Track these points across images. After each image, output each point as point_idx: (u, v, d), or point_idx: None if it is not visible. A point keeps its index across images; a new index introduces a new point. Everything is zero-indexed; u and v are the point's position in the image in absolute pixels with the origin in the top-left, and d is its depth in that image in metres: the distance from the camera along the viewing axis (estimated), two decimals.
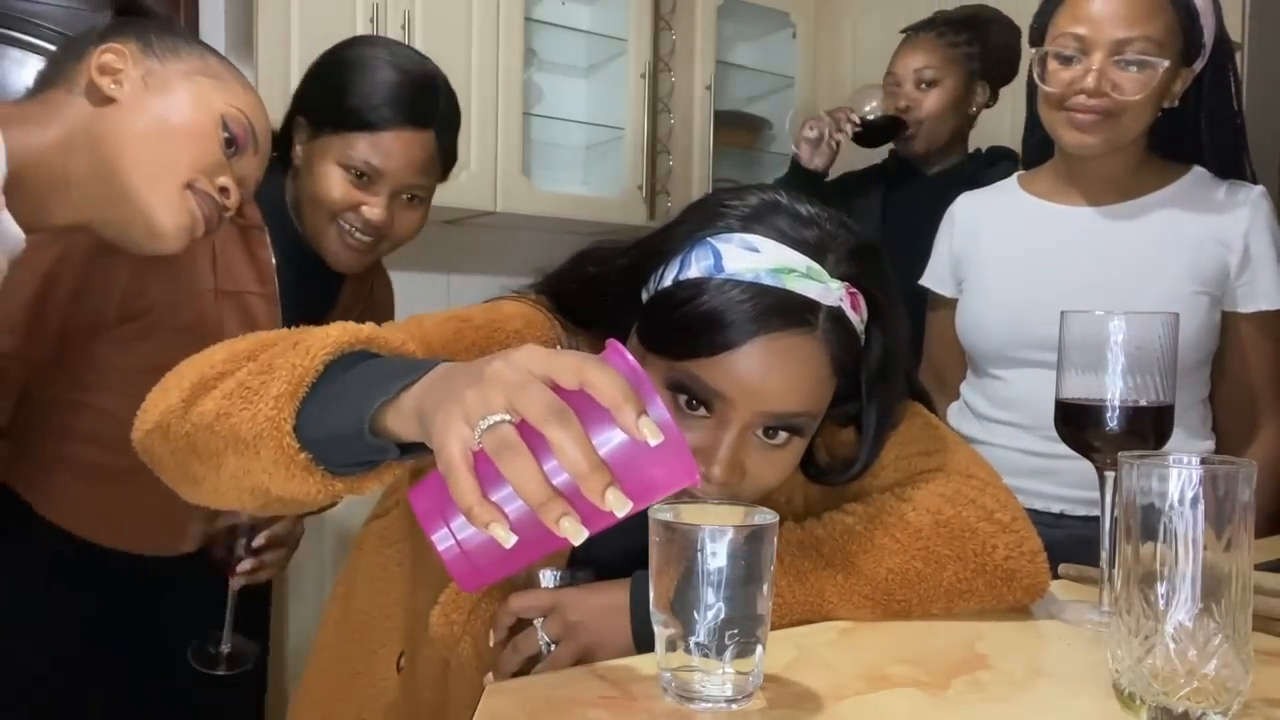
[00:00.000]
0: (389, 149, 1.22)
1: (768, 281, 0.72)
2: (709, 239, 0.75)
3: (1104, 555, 0.84)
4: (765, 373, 0.72)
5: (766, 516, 0.62)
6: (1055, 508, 1.26)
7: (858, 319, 0.77)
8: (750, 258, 0.73)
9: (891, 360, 0.81)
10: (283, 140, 1.28)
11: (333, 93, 1.25)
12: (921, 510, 0.81)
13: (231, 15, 2.46)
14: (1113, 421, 0.81)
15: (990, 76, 1.82)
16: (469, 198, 2.51)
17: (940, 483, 0.84)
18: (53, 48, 2.23)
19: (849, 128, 1.84)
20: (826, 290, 0.74)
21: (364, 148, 1.22)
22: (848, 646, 0.75)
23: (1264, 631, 0.75)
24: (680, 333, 0.74)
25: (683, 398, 0.74)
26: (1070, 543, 0.98)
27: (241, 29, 2.36)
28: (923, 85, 1.77)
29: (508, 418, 0.52)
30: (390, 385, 0.59)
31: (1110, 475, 0.82)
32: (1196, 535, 0.57)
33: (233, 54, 2.46)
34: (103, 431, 1.17)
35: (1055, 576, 0.96)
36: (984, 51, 1.80)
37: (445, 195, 2.48)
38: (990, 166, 1.80)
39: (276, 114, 2.48)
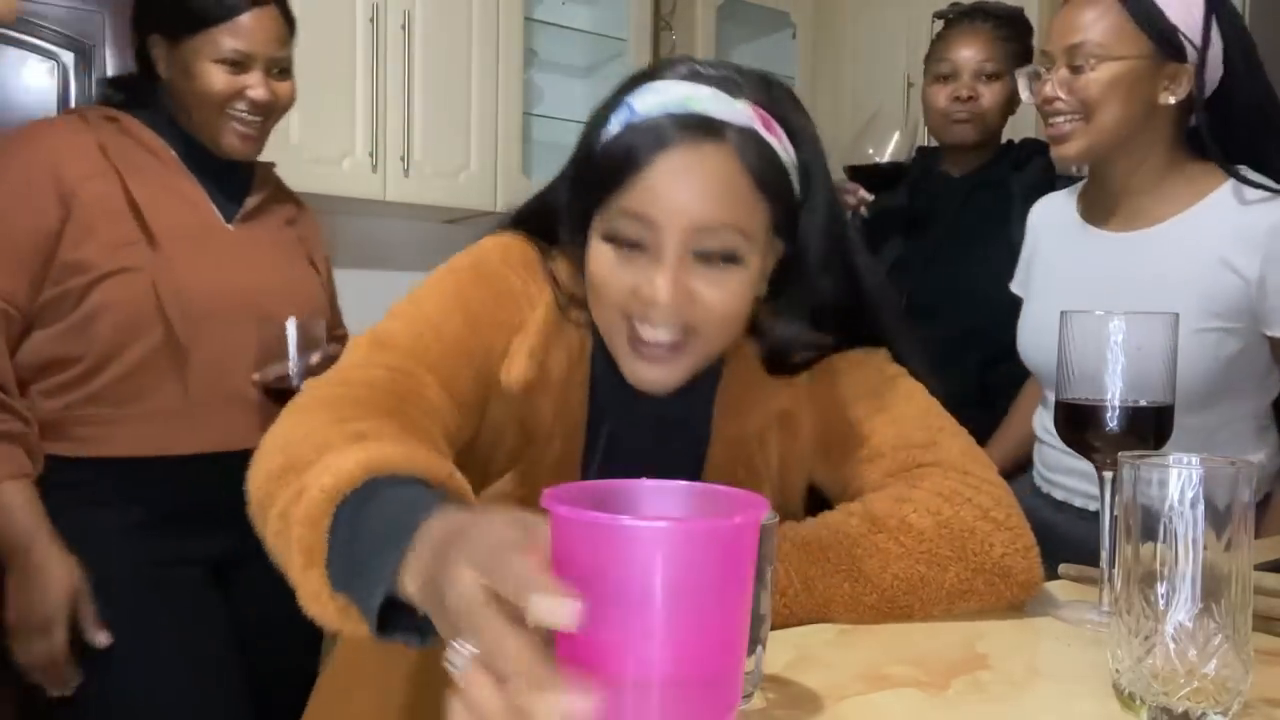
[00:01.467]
0: (250, 31, 1.34)
1: (675, 110, 0.76)
2: (624, 99, 0.80)
3: (1104, 555, 0.84)
4: (680, 184, 0.75)
5: (767, 516, 0.62)
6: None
7: (777, 143, 0.79)
8: (658, 96, 0.78)
9: (817, 178, 0.83)
10: (142, 65, 1.39)
11: (176, 1, 1.35)
12: (923, 512, 0.81)
13: None
14: (1113, 421, 0.80)
15: None
16: (469, 198, 2.52)
17: (938, 479, 0.84)
18: (53, 48, 2.24)
19: (857, 202, 1.75)
20: (733, 108, 0.77)
21: (228, 39, 1.32)
22: (848, 646, 0.75)
23: (1264, 631, 0.75)
24: (599, 175, 0.78)
25: (623, 248, 0.78)
26: None
27: None
28: (983, 77, 1.73)
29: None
30: (386, 571, 0.52)
31: (1110, 475, 0.82)
32: (1196, 535, 0.57)
33: None
34: (99, 353, 1.28)
35: (1054, 576, 0.96)
36: (1024, 51, 1.77)
37: (445, 195, 2.51)
38: (1018, 170, 1.76)
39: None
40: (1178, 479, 0.58)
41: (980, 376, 1.67)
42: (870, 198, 1.67)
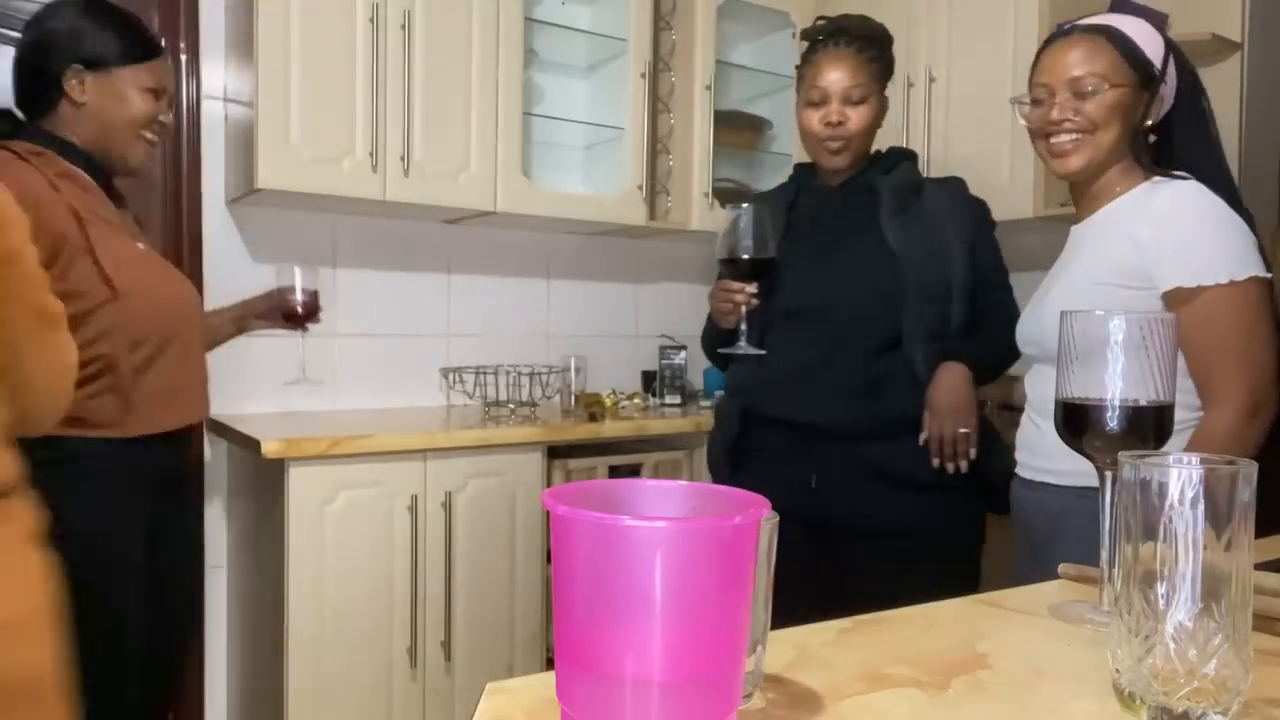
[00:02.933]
0: (166, 71, 1.68)
1: None
2: None
3: (1104, 555, 0.84)
4: None
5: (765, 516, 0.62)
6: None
7: None
8: None
9: None
10: (47, 92, 1.57)
11: (110, 36, 1.60)
12: None
13: (231, 15, 2.46)
14: (1113, 421, 0.81)
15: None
16: (469, 198, 2.52)
17: None
18: None
19: (746, 298, 1.77)
20: None
21: (155, 73, 1.64)
22: (848, 646, 0.75)
23: (1264, 631, 0.75)
24: None
25: None
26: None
27: (241, 29, 2.36)
28: (851, 102, 1.79)
29: None
30: None
31: (1110, 475, 0.82)
32: (1196, 535, 0.57)
33: (233, 54, 2.46)
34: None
35: (1054, 576, 0.96)
36: (887, 69, 1.85)
37: (445, 195, 2.51)
38: (887, 174, 1.84)
39: (279, 112, 2.44)
40: (1178, 479, 0.58)
41: (865, 369, 1.75)
42: (754, 290, 1.75)
